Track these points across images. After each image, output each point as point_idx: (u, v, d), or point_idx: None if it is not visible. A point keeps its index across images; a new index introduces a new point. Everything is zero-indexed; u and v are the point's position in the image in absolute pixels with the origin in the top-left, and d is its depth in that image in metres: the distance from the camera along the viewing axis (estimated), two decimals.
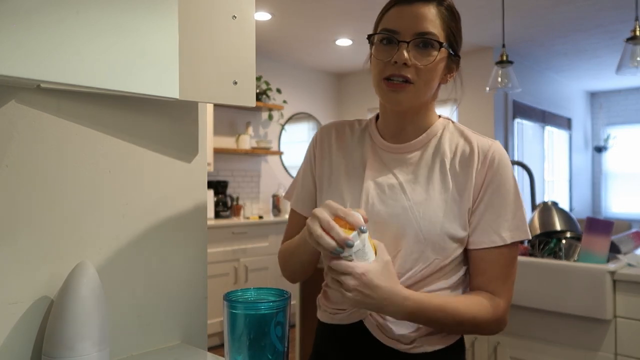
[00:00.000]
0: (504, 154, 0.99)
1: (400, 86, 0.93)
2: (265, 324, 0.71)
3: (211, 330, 3.74)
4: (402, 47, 0.92)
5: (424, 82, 0.94)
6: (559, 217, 2.27)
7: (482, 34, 4.66)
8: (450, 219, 0.95)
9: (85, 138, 0.92)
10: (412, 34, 0.92)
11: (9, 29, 0.68)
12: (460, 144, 1.00)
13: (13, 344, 0.83)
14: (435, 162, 0.99)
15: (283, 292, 0.76)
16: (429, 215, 0.94)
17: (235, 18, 1.04)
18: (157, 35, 0.87)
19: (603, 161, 7.79)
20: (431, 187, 0.97)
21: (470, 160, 0.97)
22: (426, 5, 0.93)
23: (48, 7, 0.72)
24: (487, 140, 1.00)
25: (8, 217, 0.82)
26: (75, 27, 0.75)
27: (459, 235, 0.95)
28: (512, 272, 0.98)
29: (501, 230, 0.95)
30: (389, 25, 0.95)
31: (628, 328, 1.81)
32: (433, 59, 0.93)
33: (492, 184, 0.96)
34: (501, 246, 0.95)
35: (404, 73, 0.93)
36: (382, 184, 1.00)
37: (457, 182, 0.97)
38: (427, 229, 0.94)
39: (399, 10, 0.95)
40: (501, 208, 0.95)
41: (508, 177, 0.96)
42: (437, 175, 0.98)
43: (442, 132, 1.02)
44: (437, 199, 0.96)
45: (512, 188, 0.96)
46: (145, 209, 1.01)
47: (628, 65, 2.66)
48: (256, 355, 0.71)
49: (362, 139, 1.08)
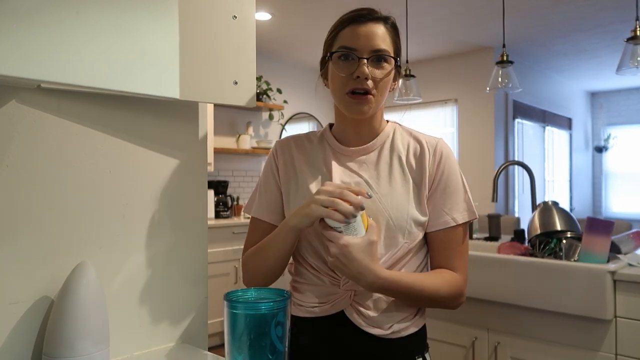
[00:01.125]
0: (449, 148, 1.15)
1: (363, 98, 1.06)
2: (265, 323, 0.71)
3: (211, 330, 3.74)
4: (362, 63, 1.05)
5: (380, 92, 1.08)
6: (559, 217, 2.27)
7: (483, 34, 4.66)
8: (413, 205, 1.08)
9: (85, 138, 0.92)
10: (369, 51, 1.05)
11: (9, 29, 0.68)
12: (411, 142, 1.15)
13: (13, 343, 0.83)
14: (393, 159, 1.13)
15: (283, 292, 0.76)
16: (396, 204, 1.07)
17: (236, 18, 1.04)
18: (158, 35, 0.87)
19: (603, 161, 7.79)
20: (393, 181, 1.10)
21: (422, 155, 1.12)
22: (376, 25, 1.07)
23: (48, 7, 0.72)
24: (433, 138, 1.15)
25: (8, 217, 0.82)
26: (75, 27, 0.75)
27: (421, 220, 1.09)
28: (466, 250, 1.13)
29: (453, 212, 1.09)
30: (347, 43, 1.07)
31: (628, 328, 1.81)
32: (387, 71, 1.07)
33: (443, 174, 1.10)
34: (454, 226, 1.09)
35: (366, 86, 1.05)
36: (349, 182, 1.11)
37: (413, 174, 1.11)
38: (396, 216, 1.06)
39: (353, 29, 1.07)
40: (452, 194, 1.10)
41: (455, 167, 1.12)
42: (397, 170, 1.11)
43: (393, 134, 1.16)
44: (400, 189, 1.09)
45: (458, 176, 1.12)
46: (146, 209, 1.01)
47: (628, 65, 2.65)
48: (256, 355, 0.71)
49: (322, 147, 1.19)
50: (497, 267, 2.04)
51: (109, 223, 0.95)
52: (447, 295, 1.07)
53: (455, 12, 4.16)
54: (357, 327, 1.06)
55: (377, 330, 1.06)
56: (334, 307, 1.08)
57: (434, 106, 5.49)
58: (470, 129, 5.33)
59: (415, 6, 3.90)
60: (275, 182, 1.19)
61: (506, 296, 2.03)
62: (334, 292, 1.08)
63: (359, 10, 1.09)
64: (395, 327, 1.07)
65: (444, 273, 1.09)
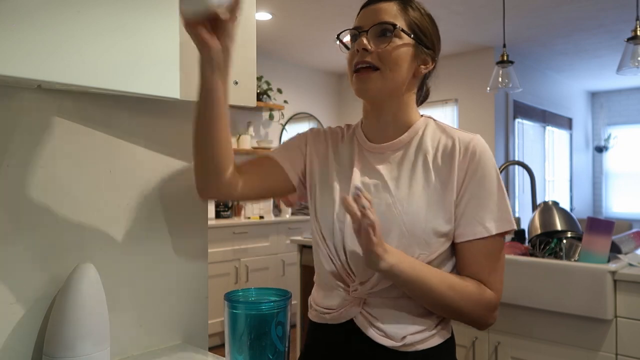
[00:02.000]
0: (486, 146, 1.00)
1: (365, 73, 0.98)
2: (266, 323, 0.71)
3: (212, 330, 3.74)
4: (362, 36, 0.98)
5: (388, 67, 0.97)
6: (560, 217, 2.27)
7: (483, 33, 4.66)
8: (434, 212, 0.96)
9: (85, 138, 0.92)
10: (371, 24, 0.99)
11: (10, 29, 0.68)
12: (442, 139, 1.02)
13: (14, 343, 0.83)
14: (418, 158, 1.01)
15: (284, 292, 0.76)
16: (412, 210, 0.96)
17: None
18: (158, 36, 0.87)
19: (604, 161, 7.78)
20: (414, 183, 0.98)
21: (452, 153, 0.99)
22: (387, 3, 1.00)
23: (49, 7, 0.72)
24: (468, 134, 1.01)
25: (9, 217, 0.82)
26: (76, 28, 0.75)
27: (443, 230, 0.96)
28: (500, 265, 0.98)
29: (485, 221, 0.95)
30: (357, 23, 1.03)
31: (629, 328, 1.81)
32: (395, 44, 0.97)
33: (474, 176, 0.97)
34: (486, 237, 0.95)
35: (367, 58, 0.97)
36: (368, 184, 1.02)
37: (439, 175, 0.98)
38: (411, 224, 0.95)
39: (364, 10, 1.03)
40: (484, 199, 0.96)
41: (490, 169, 0.98)
42: (420, 170, 1.00)
43: (424, 130, 1.04)
44: (419, 193, 0.97)
45: (494, 179, 0.97)
46: (146, 209, 1.01)
47: (629, 65, 2.65)
48: (257, 355, 0.71)
49: (351, 142, 1.10)
50: None
51: (110, 223, 0.95)
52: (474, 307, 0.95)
53: (456, 11, 4.16)
54: (368, 337, 0.97)
55: (389, 342, 0.96)
56: (343, 315, 1.00)
57: (434, 106, 5.49)
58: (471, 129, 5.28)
59: None
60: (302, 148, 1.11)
61: (507, 296, 2.03)
62: (344, 299, 1.00)
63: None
64: (409, 339, 0.96)
65: (476, 283, 0.96)
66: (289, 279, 4.51)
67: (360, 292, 0.98)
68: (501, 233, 0.97)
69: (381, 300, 0.98)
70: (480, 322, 0.98)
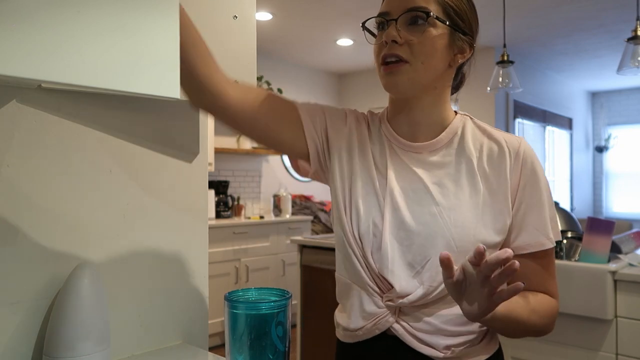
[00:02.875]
0: (532, 150, 0.94)
1: (395, 67, 0.88)
2: (266, 323, 0.71)
3: (212, 330, 3.74)
4: (391, 25, 0.87)
5: (420, 60, 0.87)
6: (560, 217, 2.27)
7: (483, 33, 4.65)
8: (484, 224, 0.89)
9: (86, 138, 0.92)
10: (401, 11, 0.87)
11: (10, 28, 0.68)
12: (485, 142, 0.94)
13: (14, 343, 0.83)
14: (461, 163, 0.92)
15: (284, 292, 0.76)
16: (461, 221, 0.88)
17: (236, 18, 1.04)
18: (159, 35, 0.87)
19: (604, 161, 7.78)
20: (460, 191, 0.90)
21: (501, 159, 0.91)
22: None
23: (49, 7, 0.72)
24: (514, 137, 0.94)
25: (9, 217, 0.82)
26: (76, 27, 0.75)
27: (494, 242, 0.89)
28: (555, 272, 0.97)
29: (548, 231, 0.91)
30: (381, 10, 0.91)
31: (629, 328, 1.81)
32: (423, 31, 0.86)
33: (529, 183, 0.90)
34: (547, 248, 0.91)
35: (396, 51, 0.87)
36: (406, 187, 0.92)
37: (488, 183, 0.91)
38: (460, 237, 0.87)
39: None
40: (541, 208, 0.91)
41: (542, 176, 0.92)
42: (465, 177, 0.91)
43: (462, 130, 0.95)
44: (467, 202, 0.89)
45: (546, 186, 0.92)
46: (146, 209, 1.01)
47: (629, 65, 2.66)
48: (257, 355, 0.71)
49: (380, 137, 0.99)
50: None
51: (110, 223, 0.95)
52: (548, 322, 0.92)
53: None
54: (409, 346, 0.90)
55: (431, 351, 0.89)
56: (377, 325, 0.91)
57: None
58: None
59: None
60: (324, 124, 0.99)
61: None
62: (376, 310, 0.92)
63: None
64: (454, 351, 0.89)
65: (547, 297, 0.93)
66: (289, 279, 4.51)
67: (398, 304, 0.90)
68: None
69: (419, 308, 0.90)
70: (546, 332, 0.94)
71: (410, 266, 0.89)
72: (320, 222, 5.07)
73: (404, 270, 0.89)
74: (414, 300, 0.89)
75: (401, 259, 0.90)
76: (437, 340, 0.89)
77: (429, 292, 0.88)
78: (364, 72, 5.97)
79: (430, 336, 0.90)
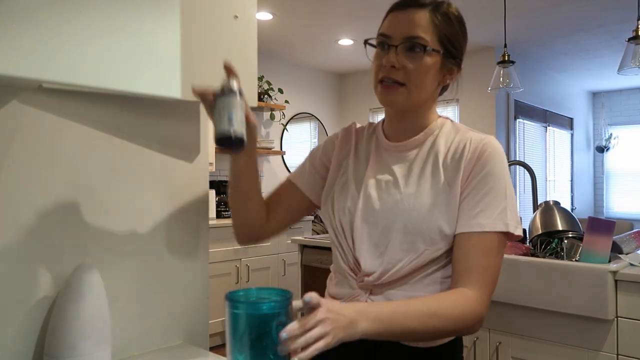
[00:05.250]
0: (497, 147, 0.99)
1: (391, 88, 0.98)
2: (266, 323, 0.71)
3: (213, 330, 3.72)
4: (391, 51, 0.97)
5: (415, 84, 0.98)
6: (561, 216, 2.26)
7: (484, 34, 4.66)
8: (440, 210, 0.96)
9: (86, 138, 0.92)
10: (401, 38, 0.96)
11: (11, 28, 0.68)
12: (455, 140, 1.02)
13: (15, 343, 0.83)
14: (429, 157, 1.02)
15: (285, 292, 0.76)
16: (418, 206, 0.97)
17: (237, 18, 1.04)
18: (159, 36, 0.87)
19: (605, 161, 7.78)
20: (423, 180, 1.00)
21: (462, 153, 0.99)
22: (419, 11, 0.97)
23: (50, 7, 0.72)
24: (481, 135, 1.01)
25: (10, 216, 0.83)
26: (77, 28, 0.75)
27: (446, 232, 0.95)
28: (493, 266, 0.95)
29: (480, 217, 0.94)
30: (384, 31, 1.00)
31: (630, 328, 1.81)
32: (419, 59, 0.96)
33: (479, 173, 0.96)
34: (480, 233, 0.93)
35: (393, 76, 0.97)
36: (381, 180, 1.04)
37: (447, 175, 0.99)
38: (416, 219, 0.96)
39: (394, 16, 1.00)
40: (485, 196, 0.95)
41: (497, 168, 0.96)
42: (430, 169, 1.00)
43: (439, 131, 1.05)
44: (427, 191, 0.98)
45: (500, 180, 0.96)
46: (147, 209, 1.01)
47: (630, 65, 2.65)
48: (258, 355, 0.71)
49: (370, 140, 1.12)
50: None
51: (111, 223, 0.95)
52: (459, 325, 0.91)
53: None
54: None
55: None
56: None
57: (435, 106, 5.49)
58: None
59: None
60: (325, 158, 1.15)
61: (507, 296, 2.03)
62: (353, 288, 1.02)
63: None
64: None
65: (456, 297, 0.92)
66: (290, 279, 4.51)
67: (366, 283, 1.00)
68: (499, 233, 0.94)
69: (385, 288, 0.99)
70: (463, 334, 0.96)
71: (376, 247, 1.00)
72: (321, 222, 5.07)
73: (370, 251, 1.00)
74: (376, 278, 0.99)
75: (369, 240, 1.01)
76: None
77: (386, 269, 0.98)
78: (364, 72, 5.97)
79: None
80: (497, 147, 0.99)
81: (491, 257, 0.95)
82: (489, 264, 0.94)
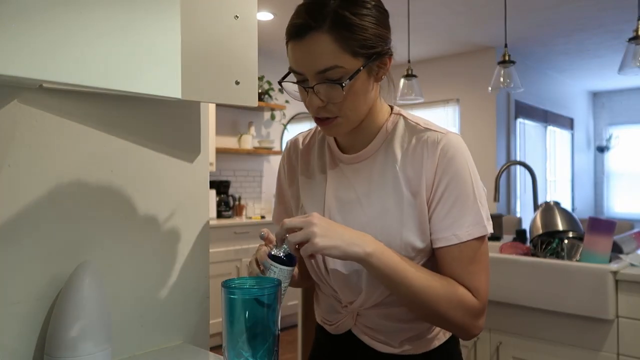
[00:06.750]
0: (458, 145, 0.92)
1: (328, 122, 0.91)
2: (260, 308, 0.72)
3: (213, 330, 3.73)
4: (311, 94, 0.88)
5: (349, 110, 0.90)
6: (561, 217, 2.26)
7: (484, 34, 4.66)
8: (408, 227, 0.91)
9: (87, 138, 0.92)
10: (313, 75, 0.87)
11: (11, 28, 0.68)
12: (412, 143, 0.95)
13: (15, 343, 0.83)
14: (387, 168, 0.95)
15: (274, 280, 0.79)
16: (386, 228, 0.92)
17: (238, 18, 1.04)
18: (160, 35, 0.87)
19: (605, 161, 7.78)
20: (386, 197, 0.94)
21: (421, 157, 0.92)
22: (318, 35, 0.85)
23: (50, 7, 0.72)
24: (438, 133, 0.93)
25: (10, 216, 0.83)
26: (77, 27, 0.75)
27: (419, 246, 0.92)
28: (480, 268, 0.91)
29: (455, 227, 0.89)
30: (292, 66, 0.92)
31: (630, 328, 1.81)
32: (344, 90, 0.86)
33: (443, 179, 0.90)
34: (459, 244, 0.89)
35: (323, 114, 0.91)
36: (342, 198, 0.98)
37: (410, 185, 0.93)
38: (386, 241, 0.89)
39: (293, 47, 0.89)
40: (454, 205, 0.90)
41: (461, 171, 0.90)
42: (390, 181, 0.94)
43: (392, 134, 0.97)
44: (392, 208, 0.93)
45: (466, 181, 0.90)
46: (147, 209, 1.01)
47: (630, 65, 2.65)
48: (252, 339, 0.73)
49: (322, 152, 1.06)
50: (499, 267, 2.03)
51: (111, 223, 0.95)
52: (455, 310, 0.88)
53: (457, 11, 4.15)
54: (369, 346, 1.00)
55: (389, 349, 0.98)
56: (339, 328, 1.04)
57: (435, 106, 5.49)
58: (472, 129, 5.32)
59: (417, 6, 3.90)
60: (283, 189, 1.14)
61: (508, 296, 2.03)
62: (338, 312, 1.04)
63: (295, 19, 0.91)
64: (407, 345, 0.98)
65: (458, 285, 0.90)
66: None
67: (351, 309, 1.00)
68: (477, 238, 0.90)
69: (373, 311, 0.99)
70: (464, 328, 0.91)
71: (351, 277, 0.96)
72: None
73: (346, 282, 0.97)
74: (360, 305, 0.98)
75: (344, 268, 0.96)
76: (392, 336, 0.98)
77: (368, 296, 0.96)
78: None
79: (385, 334, 0.99)
80: (456, 145, 0.92)
81: (475, 262, 0.91)
82: (477, 269, 0.91)
